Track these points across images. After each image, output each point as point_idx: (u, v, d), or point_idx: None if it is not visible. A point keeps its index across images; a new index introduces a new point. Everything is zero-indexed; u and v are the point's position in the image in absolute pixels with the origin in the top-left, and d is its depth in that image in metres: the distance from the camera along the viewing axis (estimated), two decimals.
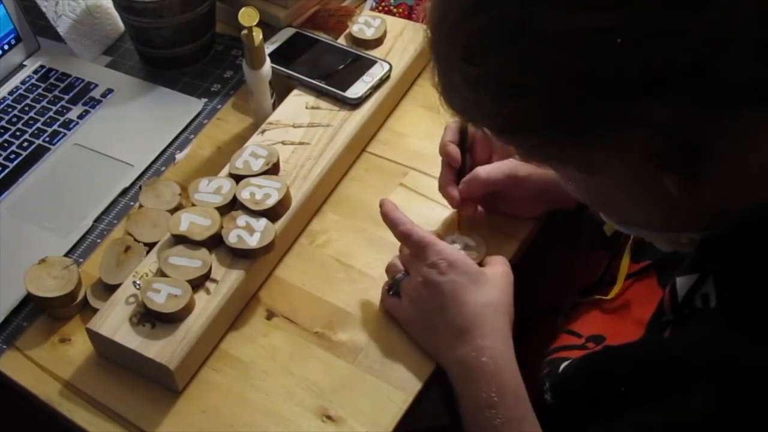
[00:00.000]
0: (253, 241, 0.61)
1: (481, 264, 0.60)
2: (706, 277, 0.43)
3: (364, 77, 0.74)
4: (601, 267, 0.64)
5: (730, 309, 0.41)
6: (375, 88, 0.74)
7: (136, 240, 0.65)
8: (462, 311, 0.56)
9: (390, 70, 0.75)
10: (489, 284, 0.58)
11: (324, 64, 0.76)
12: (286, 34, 0.80)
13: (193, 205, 0.64)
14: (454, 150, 0.64)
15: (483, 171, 0.63)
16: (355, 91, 0.73)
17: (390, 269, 0.62)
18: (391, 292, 0.61)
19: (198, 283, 0.60)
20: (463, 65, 0.39)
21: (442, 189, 0.65)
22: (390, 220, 0.62)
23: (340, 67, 0.76)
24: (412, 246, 0.60)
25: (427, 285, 0.58)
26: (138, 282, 0.60)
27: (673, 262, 0.48)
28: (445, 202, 0.67)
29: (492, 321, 0.56)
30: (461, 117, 0.43)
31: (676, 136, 0.36)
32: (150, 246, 0.64)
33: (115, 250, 0.64)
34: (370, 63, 0.75)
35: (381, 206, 0.62)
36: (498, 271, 0.59)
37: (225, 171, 0.68)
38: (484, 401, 0.53)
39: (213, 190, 0.65)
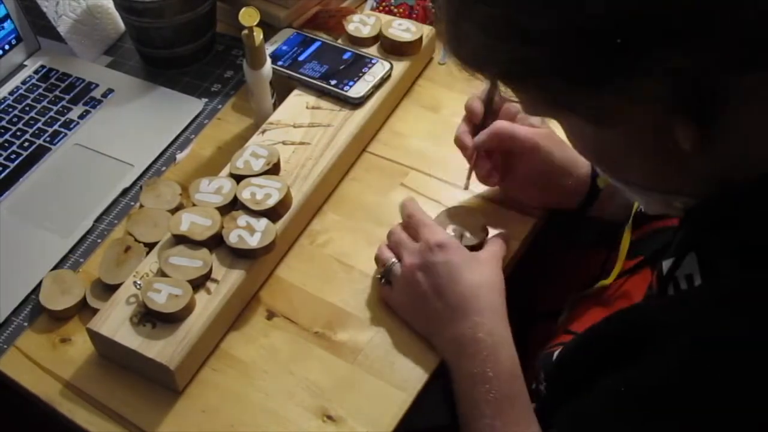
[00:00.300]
0: (253, 241, 0.61)
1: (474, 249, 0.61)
2: (687, 253, 0.43)
3: (366, 77, 0.74)
4: (600, 264, 0.64)
5: (713, 281, 0.41)
6: (376, 87, 0.74)
7: (136, 240, 0.65)
8: (457, 290, 0.56)
9: (391, 69, 0.75)
10: (482, 264, 0.58)
11: (325, 64, 0.76)
12: (285, 34, 0.80)
13: (194, 205, 0.64)
14: (478, 105, 0.65)
15: (502, 124, 0.63)
16: (357, 90, 0.73)
17: (379, 259, 0.62)
18: (383, 281, 0.61)
19: (198, 283, 0.60)
20: (477, 5, 0.38)
21: (457, 138, 0.66)
22: (403, 204, 0.63)
23: (341, 67, 0.76)
24: (413, 226, 0.61)
25: (421, 267, 0.58)
26: (139, 282, 0.60)
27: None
28: (447, 202, 0.67)
29: (487, 298, 0.57)
30: (469, 66, 0.41)
31: (694, 85, 0.35)
32: (150, 246, 0.64)
33: (115, 250, 0.64)
34: (371, 62, 0.76)
35: (404, 200, 0.64)
36: (488, 252, 0.60)
37: (226, 171, 0.68)
38: (478, 377, 0.53)
39: (213, 190, 0.65)
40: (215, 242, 0.62)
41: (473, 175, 0.67)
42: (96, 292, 0.64)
